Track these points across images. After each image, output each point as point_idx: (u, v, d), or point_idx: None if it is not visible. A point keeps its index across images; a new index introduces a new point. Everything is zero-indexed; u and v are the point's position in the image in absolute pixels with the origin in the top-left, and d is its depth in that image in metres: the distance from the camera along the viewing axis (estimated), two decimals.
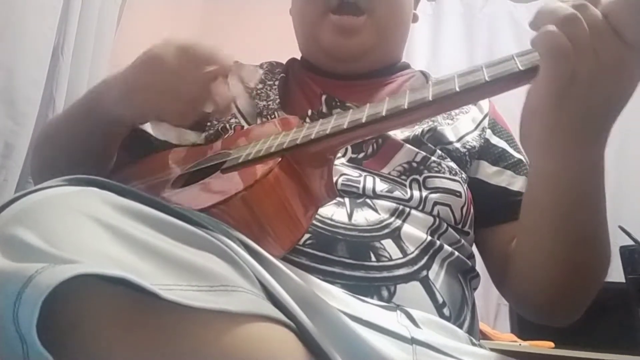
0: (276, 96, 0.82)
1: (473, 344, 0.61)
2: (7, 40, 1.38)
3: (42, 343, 0.30)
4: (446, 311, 0.62)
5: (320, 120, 0.59)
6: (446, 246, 0.67)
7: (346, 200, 0.66)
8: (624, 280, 1.43)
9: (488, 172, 0.79)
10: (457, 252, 0.68)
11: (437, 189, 0.70)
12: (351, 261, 0.60)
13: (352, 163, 0.71)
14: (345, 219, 0.63)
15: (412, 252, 0.63)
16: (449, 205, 0.70)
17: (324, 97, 0.80)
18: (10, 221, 0.36)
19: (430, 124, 0.76)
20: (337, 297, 0.54)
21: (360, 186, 0.67)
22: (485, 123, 0.82)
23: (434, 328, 0.57)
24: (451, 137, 0.77)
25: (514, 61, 0.50)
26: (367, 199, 0.67)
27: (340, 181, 0.67)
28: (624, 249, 1.43)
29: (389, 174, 0.71)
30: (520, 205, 0.65)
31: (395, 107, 0.53)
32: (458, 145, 0.77)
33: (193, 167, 0.68)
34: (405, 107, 0.52)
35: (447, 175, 0.72)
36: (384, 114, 0.52)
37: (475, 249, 0.78)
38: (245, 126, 0.78)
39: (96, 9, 1.73)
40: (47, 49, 1.50)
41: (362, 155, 0.72)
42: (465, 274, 0.69)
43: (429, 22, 2.24)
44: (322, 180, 0.59)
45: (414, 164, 0.72)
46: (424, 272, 0.63)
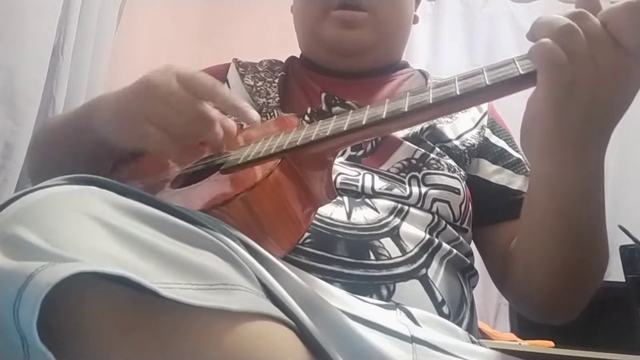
0: (276, 94, 0.82)
1: (472, 342, 0.62)
2: (7, 40, 1.38)
3: (42, 341, 0.30)
4: (445, 309, 0.62)
5: (320, 121, 0.59)
6: (445, 244, 0.67)
7: (345, 199, 0.66)
8: (624, 280, 1.43)
9: (488, 170, 0.79)
10: (455, 250, 0.68)
11: (436, 186, 0.70)
12: (350, 260, 0.60)
13: (351, 161, 0.71)
14: (344, 217, 0.64)
15: (411, 251, 0.63)
16: (448, 202, 0.70)
17: (323, 95, 0.80)
18: (10, 220, 0.36)
19: (429, 122, 0.76)
20: (337, 297, 0.54)
21: (359, 185, 0.67)
22: (484, 122, 0.82)
23: (433, 326, 0.57)
24: (450, 135, 0.77)
25: (515, 65, 0.49)
26: (366, 198, 0.67)
27: (338, 180, 0.67)
28: (623, 249, 1.43)
29: (388, 171, 0.71)
30: (519, 204, 0.65)
31: (395, 109, 0.52)
32: (457, 143, 0.77)
33: (192, 167, 0.68)
34: (406, 109, 0.52)
35: (445, 172, 0.72)
36: (384, 116, 0.52)
37: (474, 247, 0.78)
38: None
39: (96, 9, 1.73)
40: (47, 49, 1.50)
41: (361, 152, 0.72)
42: (464, 272, 0.70)
43: (429, 21, 2.23)
44: (321, 181, 0.59)
45: (413, 161, 0.72)
46: (423, 271, 0.63)
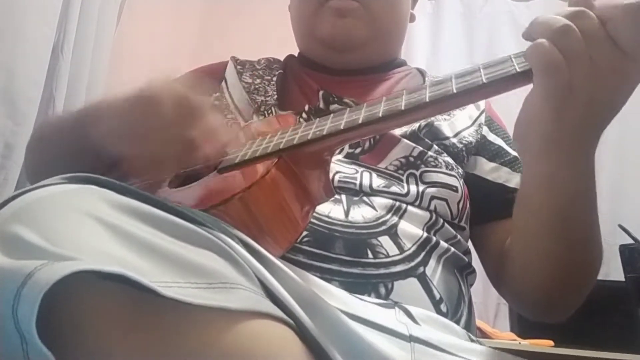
0: (274, 92, 0.82)
1: (471, 340, 0.62)
2: (7, 40, 1.38)
3: (41, 340, 0.30)
4: (443, 307, 0.62)
5: (317, 119, 0.59)
6: (442, 242, 0.67)
7: (343, 198, 0.66)
8: (623, 279, 1.43)
9: (485, 168, 0.79)
10: (453, 248, 0.68)
11: (434, 184, 0.70)
12: (348, 258, 0.60)
13: (348, 158, 0.71)
14: (342, 216, 0.64)
15: (409, 249, 0.64)
16: (445, 200, 0.70)
17: (321, 93, 0.80)
18: (9, 219, 0.36)
19: (427, 119, 0.76)
20: (335, 296, 0.54)
21: (357, 183, 0.68)
22: (482, 119, 0.82)
23: (432, 325, 0.57)
24: (448, 132, 0.77)
25: (511, 62, 0.49)
26: (364, 196, 0.67)
27: (336, 178, 0.67)
28: (623, 248, 1.42)
29: (386, 168, 0.71)
30: None
31: (392, 108, 0.53)
32: (455, 140, 0.77)
33: (190, 166, 0.68)
34: (403, 108, 0.52)
35: (443, 169, 0.72)
36: (380, 114, 0.53)
37: (471, 246, 0.78)
38: (242, 123, 0.78)
39: (96, 8, 1.72)
40: (47, 48, 1.50)
41: (359, 150, 0.72)
42: (461, 269, 0.70)
43: (429, 21, 2.23)
44: (319, 179, 0.59)
45: (411, 159, 0.72)
46: (421, 269, 0.63)
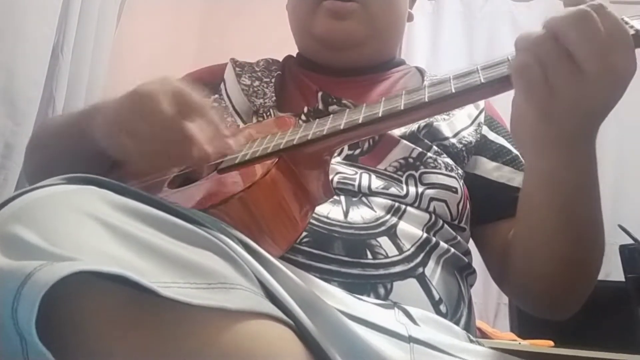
0: (272, 94, 0.82)
1: (471, 340, 0.62)
2: (7, 40, 1.38)
3: (41, 340, 0.30)
4: (443, 308, 0.62)
5: (317, 120, 0.59)
6: (442, 243, 0.67)
7: (342, 198, 0.66)
8: (623, 280, 1.43)
9: (487, 167, 0.79)
10: (453, 249, 0.68)
11: (433, 185, 0.70)
12: (348, 259, 0.60)
13: (348, 160, 0.71)
14: (341, 217, 0.64)
15: (408, 250, 0.63)
16: (445, 201, 0.70)
17: (320, 94, 0.80)
18: (9, 219, 0.36)
19: (426, 120, 0.76)
20: (335, 296, 0.54)
21: (356, 184, 0.67)
22: (481, 119, 0.82)
23: (432, 325, 0.57)
24: (447, 132, 0.77)
25: (510, 63, 0.50)
26: (363, 197, 0.67)
27: (335, 179, 0.67)
28: (623, 248, 1.43)
29: (385, 170, 0.71)
30: None
31: (391, 108, 0.53)
32: (454, 140, 0.77)
33: (188, 164, 0.68)
34: (402, 108, 0.52)
35: (443, 171, 0.72)
36: (380, 114, 0.53)
37: (472, 245, 0.78)
38: (241, 125, 0.78)
39: (96, 9, 1.73)
40: (47, 48, 1.50)
41: (358, 151, 0.72)
42: (461, 270, 0.69)
43: (428, 21, 2.23)
44: (319, 180, 0.59)
45: (410, 160, 0.72)
46: (420, 269, 0.63)
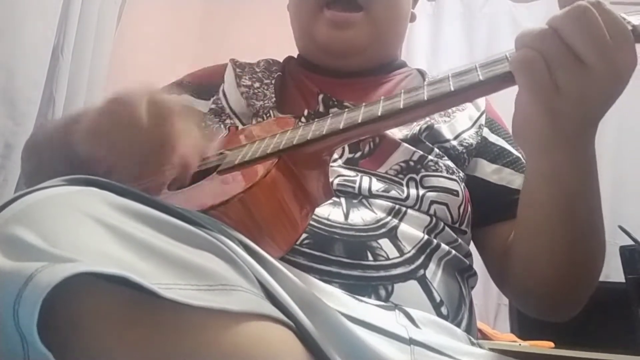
0: (272, 95, 0.81)
1: (471, 343, 0.61)
2: (7, 40, 1.38)
3: (42, 342, 0.30)
4: (444, 310, 0.62)
5: (316, 120, 0.59)
6: (443, 245, 0.67)
7: (342, 200, 0.66)
8: (624, 280, 1.43)
9: (487, 170, 0.79)
10: (454, 251, 0.68)
11: (434, 188, 0.70)
12: (348, 260, 0.60)
13: (348, 163, 0.71)
14: (341, 218, 0.63)
15: (409, 251, 0.63)
16: (446, 204, 0.70)
17: (320, 97, 0.80)
18: (10, 220, 0.36)
19: (427, 122, 0.76)
20: (335, 298, 0.54)
21: (356, 186, 0.67)
22: (482, 120, 0.82)
23: (432, 328, 0.57)
24: (448, 134, 0.77)
25: (508, 61, 0.50)
26: (364, 199, 0.67)
27: (336, 181, 0.67)
28: (623, 249, 1.43)
29: (386, 173, 0.71)
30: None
31: (391, 107, 0.53)
32: (455, 143, 0.77)
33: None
34: (401, 107, 0.52)
35: (444, 174, 0.72)
36: (379, 114, 0.53)
37: (473, 247, 0.78)
38: (240, 126, 0.78)
39: (96, 9, 1.73)
40: (47, 49, 1.50)
41: (358, 154, 0.72)
42: (462, 272, 0.69)
43: (429, 21, 2.24)
44: (318, 180, 0.59)
45: (411, 163, 0.72)
46: (421, 271, 0.63)
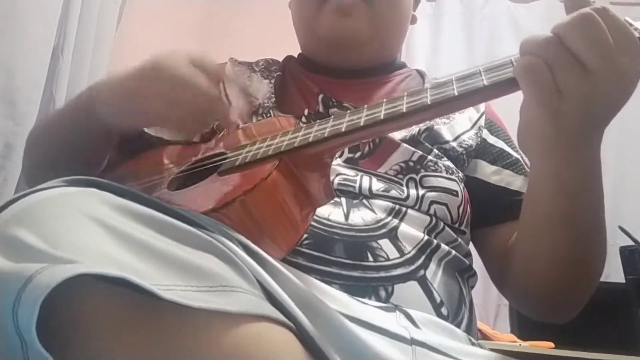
0: (272, 94, 0.81)
1: (472, 343, 0.61)
2: (7, 41, 1.38)
3: (41, 343, 0.30)
4: (444, 310, 0.62)
5: (318, 122, 0.58)
6: (443, 245, 0.67)
7: (343, 200, 0.66)
8: (624, 281, 1.43)
9: (487, 171, 0.79)
10: (454, 251, 0.68)
11: (434, 188, 0.70)
12: (348, 261, 0.60)
13: (348, 163, 0.71)
14: (342, 219, 0.63)
15: (409, 252, 0.63)
16: (445, 204, 0.70)
17: (320, 97, 0.80)
18: (10, 221, 0.36)
19: (427, 123, 0.76)
20: (336, 299, 0.54)
21: (357, 186, 0.67)
22: (482, 122, 0.82)
23: (433, 328, 0.57)
24: (447, 136, 0.77)
25: (512, 65, 0.50)
26: (364, 199, 0.67)
27: (336, 181, 0.67)
28: (623, 249, 1.43)
29: (386, 173, 0.71)
30: (519, 205, 0.65)
31: (393, 110, 0.53)
32: (454, 144, 0.77)
33: (189, 169, 0.67)
34: (404, 110, 0.52)
35: (443, 174, 0.72)
36: (382, 117, 0.52)
37: (472, 248, 0.78)
38: (241, 124, 0.78)
39: (96, 9, 1.73)
40: (47, 49, 1.50)
41: (358, 154, 0.72)
42: (462, 272, 0.69)
43: (429, 22, 2.24)
44: (320, 182, 0.59)
45: (411, 163, 0.72)
46: (422, 272, 0.63)
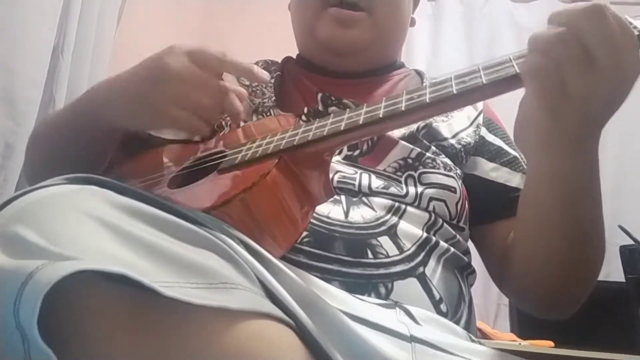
0: (272, 94, 0.82)
1: (471, 340, 0.62)
2: (7, 40, 1.38)
3: (42, 339, 0.30)
4: (443, 307, 0.62)
5: (317, 120, 0.59)
6: (442, 242, 0.67)
7: (342, 198, 0.66)
8: (624, 280, 1.43)
9: (485, 168, 0.79)
10: (453, 248, 0.68)
11: (433, 185, 0.70)
12: (348, 258, 0.60)
13: (347, 161, 0.71)
14: (341, 216, 0.64)
15: (409, 249, 0.64)
16: (444, 201, 0.70)
17: (319, 95, 0.80)
18: (10, 219, 0.36)
19: (425, 121, 0.76)
20: (336, 296, 0.54)
21: (356, 183, 0.68)
22: (480, 120, 0.82)
23: (433, 325, 0.57)
24: (446, 133, 0.77)
25: (511, 64, 0.50)
26: (363, 197, 0.67)
27: (335, 178, 0.67)
28: (624, 249, 1.43)
29: (385, 170, 0.71)
30: (517, 202, 0.65)
31: (392, 109, 0.53)
32: (453, 141, 0.77)
33: (189, 167, 0.68)
34: (403, 109, 0.52)
35: (441, 171, 0.72)
36: (381, 115, 0.53)
37: (471, 245, 0.78)
38: (241, 123, 0.78)
39: (96, 9, 1.73)
40: (47, 49, 1.50)
41: (357, 152, 0.72)
42: (461, 269, 0.70)
43: (429, 22, 2.23)
44: (319, 180, 0.59)
45: (409, 160, 0.72)
46: (421, 269, 0.63)
